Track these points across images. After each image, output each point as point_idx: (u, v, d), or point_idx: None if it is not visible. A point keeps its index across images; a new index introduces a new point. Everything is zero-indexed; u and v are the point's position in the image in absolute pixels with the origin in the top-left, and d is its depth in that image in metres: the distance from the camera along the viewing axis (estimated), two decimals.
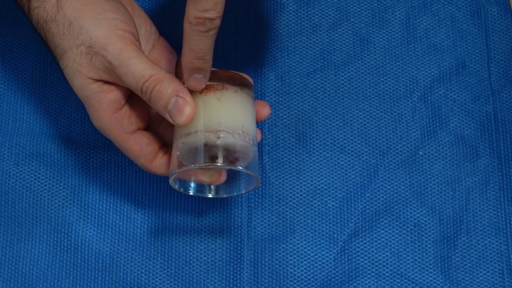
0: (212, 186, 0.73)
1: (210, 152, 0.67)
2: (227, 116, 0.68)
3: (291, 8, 0.84)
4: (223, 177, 0.72)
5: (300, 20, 0.84)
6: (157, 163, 0.71)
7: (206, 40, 0.66)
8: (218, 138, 0.67)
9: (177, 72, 0.75)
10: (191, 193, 0.73)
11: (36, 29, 0.70)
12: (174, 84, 0.67)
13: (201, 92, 0.69)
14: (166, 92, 0.67)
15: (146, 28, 0.74)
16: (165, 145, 0.73)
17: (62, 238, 0.77)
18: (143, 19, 0.74)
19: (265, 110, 0.73)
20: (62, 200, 0.78)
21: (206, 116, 0.68)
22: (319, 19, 0.84)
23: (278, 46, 0.83)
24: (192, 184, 0.73)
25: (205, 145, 0.67)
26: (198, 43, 0.66)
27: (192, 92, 0.69)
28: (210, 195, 0.73)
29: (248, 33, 0.83)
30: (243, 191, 0.72)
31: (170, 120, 0.68)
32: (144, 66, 0.67)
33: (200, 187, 0.73)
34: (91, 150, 0.79)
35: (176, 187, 0.71)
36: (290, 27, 0.84)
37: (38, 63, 0.82)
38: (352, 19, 0.84)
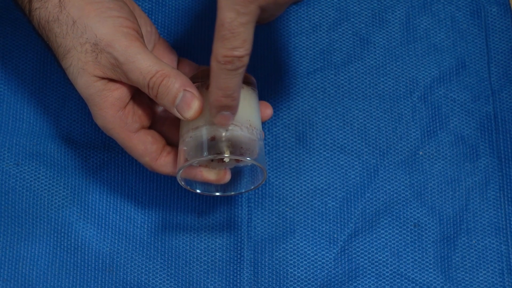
0: (218, 186, 0.73)
1: (217, 147, 0.67)
2: None
3: (291, 8, 0.84)
4: (228, 176, 0.71)
5: (300, 20, 0.84)
6: (162, 162, 0.71)
7: (234, 78, 0.64)
8: (226, 130, 0.68)
9: None
10: (198, 191, 0.73)
11: (37, 30, 0.70)
12: (181, 79, 0.68)
13: (207, 88, 0.69)
14: (174, 86, 0.67)
15: (146, 29, 0.74)
16: (169, 144, 0.72)
17: (62, 238, 0.77)
18: (143, 20, 0.74)
19: (268, 111, 0.73)
20: (62, 200, 0.78)
21: None
22: (319, 19, 0.84)
23: (278, 46, 0.83)
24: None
25: (213, 138, 0.67)
26: (227, 81, 0.64)
27: (198, 88, 0.69)
28: (217, 194, 0.73)
29: None
30: (251, 187, 0.72)
31: (177, 114, 0.68)
32: (150, 62, 0.67)
33: (207, 185, 0.73)
34: (91, 150, 0.79)
35: (183, 183, 0.71)
36: (290, 27, 0.84)
37: (38, 63, 0.82)
38: (352, 19, 0.84)
